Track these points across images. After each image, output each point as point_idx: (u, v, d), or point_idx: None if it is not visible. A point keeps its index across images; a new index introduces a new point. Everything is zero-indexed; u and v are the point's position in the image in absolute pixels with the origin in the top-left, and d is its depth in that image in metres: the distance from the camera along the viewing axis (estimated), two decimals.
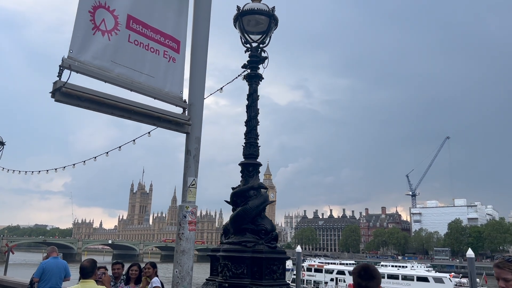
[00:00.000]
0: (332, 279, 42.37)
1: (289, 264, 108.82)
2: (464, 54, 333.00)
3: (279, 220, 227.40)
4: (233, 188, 6.15)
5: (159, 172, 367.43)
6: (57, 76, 2.91)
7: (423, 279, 36.31)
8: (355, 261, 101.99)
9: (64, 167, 10.87)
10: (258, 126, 6.40)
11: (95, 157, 10.10)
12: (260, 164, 6.33)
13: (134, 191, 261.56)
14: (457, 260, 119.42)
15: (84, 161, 10.34)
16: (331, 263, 64.99)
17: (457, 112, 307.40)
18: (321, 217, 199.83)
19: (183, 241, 3.38)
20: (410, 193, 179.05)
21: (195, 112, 3.71)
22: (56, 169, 11.14)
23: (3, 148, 10.79)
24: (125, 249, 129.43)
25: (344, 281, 41.15)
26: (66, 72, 2.92)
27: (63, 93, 2.89)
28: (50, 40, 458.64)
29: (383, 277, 38.25)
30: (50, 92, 2.96)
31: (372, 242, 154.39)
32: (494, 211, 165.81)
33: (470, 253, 22.11)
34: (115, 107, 3.15)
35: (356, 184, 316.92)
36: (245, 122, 6.49)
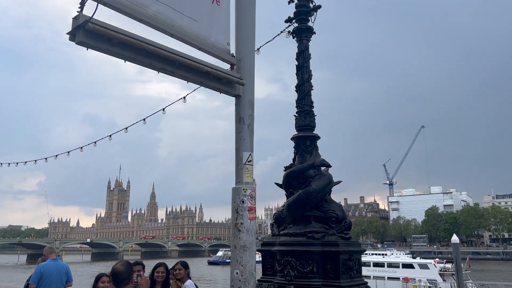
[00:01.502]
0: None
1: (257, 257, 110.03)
2: (438, 45, 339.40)
3: (259, 213, 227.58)
4: (286, 168, 5.13)
5: (137, 169, 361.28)
6: (78, 9, 2.04)
7: (409, 265, 36.53)
8: None
9: (36, 161, 10.47)
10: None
11: (68, 152, 9.76)
12: (318, 137, 5.29)
13: (112, 188, 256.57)
14: (435, 246, 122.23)
15: (56, 155, 9.95)
16: None
17: (431, 102, 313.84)
18: None
19: (243, 234, 2.61)
20: (388, 182, 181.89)
21: (246, 70, 2.91)
22: (25, 162, 10.59)
23: None
24: (104, 247, 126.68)
25: None
26: (90, 4, 2.06)
27: (89, 32, 2.07)
28: (19, 36, 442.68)
29: (369, 266, 38.21)
30: (68, 33, 2.09)
31: (352, 231, 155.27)
32: (469, 197, 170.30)
33: (455, 238, 22.01)
34: (156, 56, 2.34)
35: (333, 175, 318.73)
36: (295, 86, 5.53)
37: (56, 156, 9.97)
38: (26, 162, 11.01)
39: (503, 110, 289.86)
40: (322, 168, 5.06)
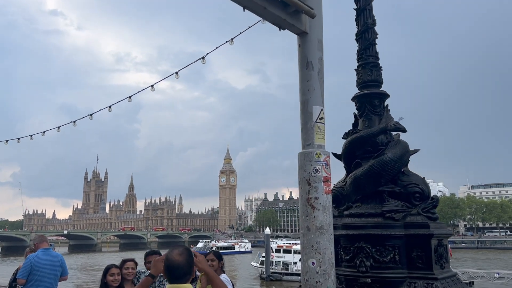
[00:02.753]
0: (301, 259, 42.32)
1: (247, 246, 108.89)
2: (416, 38, 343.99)
3: (239, 204, 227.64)
4: (346, 135, 4.22)
5: (115, 160, 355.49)
6: None
7: None
8: None
9: (7, 141, 9.67)
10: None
11: (43, 132, 9.16)
12: (388, 95, 4.41)
13: (89, 180, 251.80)
14: None
15: (32, 135, 9.28)
16: (298, 244, 65.51)
17: (409, 94, 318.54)
18: (281, 199, 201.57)
19: (319, 212, 2.01)
20: None
21: (314, 1, 2.23)
22: None
23: None
24: (81, 239, 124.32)
25: None
26: None
27: None
28: None
29: None
30: None
31: None
32: (445, 187, 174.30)
33: None
34: None
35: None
36: (356, 35, 4.67)
37: (31, 136, 9.29)
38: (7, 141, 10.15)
39: (480, 102, 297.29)
40: (393, 133, 4.21)
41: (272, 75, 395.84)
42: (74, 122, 8.78)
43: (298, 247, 47.13)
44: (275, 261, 43.29)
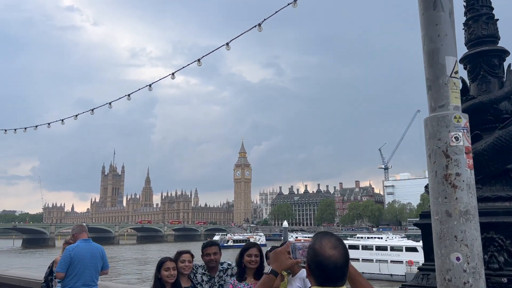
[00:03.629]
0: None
1: (262, 239, 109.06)
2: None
3: (254, 197, 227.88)
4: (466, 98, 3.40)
5: (131, 154, 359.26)
6: None
7: (412, 249, 36.27)
8: None
9: (25, 128, 9.79)
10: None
11: (62, 120, 9.19)
12: (509, 53, 3.69)
13: (106, 173, 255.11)
14: None
15: (49, 123, 9.43)
16: None
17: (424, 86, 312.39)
18: (296, 193, 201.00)
19: (462, 192, 1.53)
20: (383, 166, 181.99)
21: None
22: (15, 129, 9.84)
23: None
24: (100, 232, 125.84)
25: None
26: None
27: None
28: (10, 19, 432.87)
29: (372, 249, 38.05)
30: None
31: (347, 215, 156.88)
32: None
33: None
34: None
35: (328, 159, 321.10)
36: None
37: (49, 124, 9.38)
38: (15, 130, 10.07)
39: None
40: None
41: (286, 68, 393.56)
42: (92, 110, 8.71)
43: None
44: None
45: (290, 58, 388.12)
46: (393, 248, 37.46)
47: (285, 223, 46.85)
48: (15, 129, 10.29)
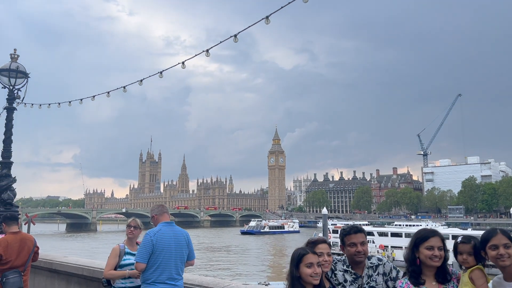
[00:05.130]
0: None
1: (295, 226, 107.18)
2: (473, 8, 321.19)
3: (288, 185, 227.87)
4: None
5: (167, 141, 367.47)
6: None
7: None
8: (368, 222, 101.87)
9: (59, 103, 10.55)
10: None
11: (93, 96, 9.75)
12: None
13: (143, 160, 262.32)
14: (472, 218, 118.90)
15: (81, 99, 10.16)
16: (359, 225, 64.69)
17: (468, 69, 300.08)
18: (331, 180, 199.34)
19: None
20: (422, 152, 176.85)
21: None
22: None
23: (27, 81, 8.77)
24: (139, 217, 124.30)
25: (373, 242, 39.90)
26: None
27: None
28: (50, 11, 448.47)
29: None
30: None
31: (384, 203, 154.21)
32: (508, 167, 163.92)
33: None
34: None
35: (363, 146, 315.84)
36: None
37: (81, 100, 10.00)
38: (49, 104, 10.83)
39: None
40: None
41: (320, 53, 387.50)
42: (124, 87, 9.06)
43: None
44: (333, 242, 42.68)
45: (325, 43, 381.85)
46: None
47: (324, 210, 46.24)
48: (48, 104, 10.82)
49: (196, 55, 7.11)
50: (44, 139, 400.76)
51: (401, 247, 36.74)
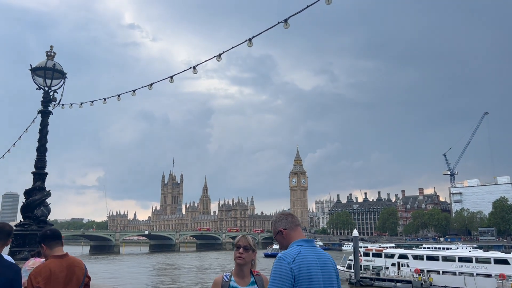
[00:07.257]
0: (393, 264, 39.10)
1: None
2: (498, 25, 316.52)
3: (310, 206, 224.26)
4: None
5: (189, 163, 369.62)
6: None
7: (502, 261, 32.54)
8: (395, 244, 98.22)
9: (82, 103, 9.92)
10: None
11: (104, 99, 9.64)
12: None
13: (166, 182, 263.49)
14: (505, 240, 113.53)
15: (105, 99, 9.83)
16: (389, 247, 62.05)
17: (495, 87, 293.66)
18: (354, 201, 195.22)
19: None
20: (449, 172, 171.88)
21: None
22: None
23: (64, 81, 8.11)
24: (161, 239, 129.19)
25: (408, 266, 37.86)
26: None
27: None
28: (78, 38, 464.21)
29: (453, 260, 34.87)
30: None
31: (411, 224, 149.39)
32: None
33: None
34: None
35: (386, 167, 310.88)
36: None
37: (105, 99, 9.48)
38: (135, 91, 9.86)
39: None
40: None
41: (340, 74, 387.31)
42: (134, 91, 8.91)
43: (389, 250, 44.16)
44: (364, 265, 40.77)
45: (344, 64, 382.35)
46: (478, 260, 33.91)
47: (355, 232, 44.46)
48: (91, 102, 9.87)
49: (204, 61, 6.43)
50: (70, 162, 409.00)
51: (438, 272, 34.75)
